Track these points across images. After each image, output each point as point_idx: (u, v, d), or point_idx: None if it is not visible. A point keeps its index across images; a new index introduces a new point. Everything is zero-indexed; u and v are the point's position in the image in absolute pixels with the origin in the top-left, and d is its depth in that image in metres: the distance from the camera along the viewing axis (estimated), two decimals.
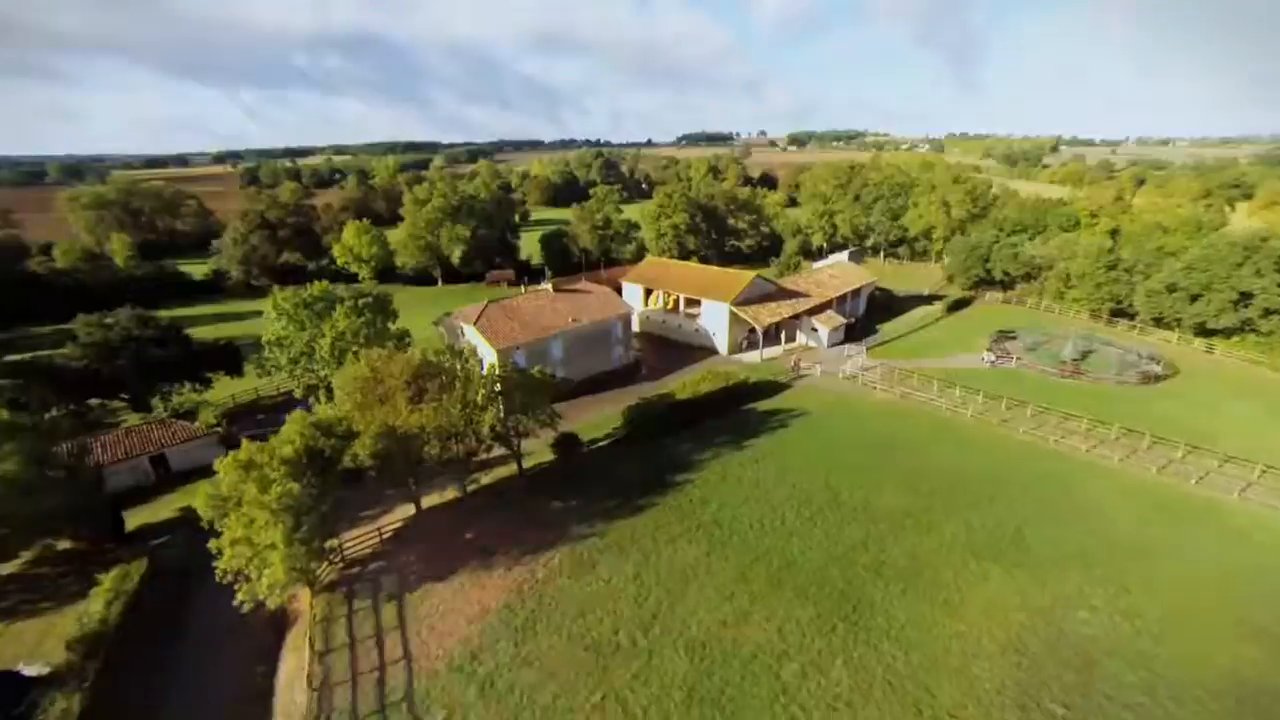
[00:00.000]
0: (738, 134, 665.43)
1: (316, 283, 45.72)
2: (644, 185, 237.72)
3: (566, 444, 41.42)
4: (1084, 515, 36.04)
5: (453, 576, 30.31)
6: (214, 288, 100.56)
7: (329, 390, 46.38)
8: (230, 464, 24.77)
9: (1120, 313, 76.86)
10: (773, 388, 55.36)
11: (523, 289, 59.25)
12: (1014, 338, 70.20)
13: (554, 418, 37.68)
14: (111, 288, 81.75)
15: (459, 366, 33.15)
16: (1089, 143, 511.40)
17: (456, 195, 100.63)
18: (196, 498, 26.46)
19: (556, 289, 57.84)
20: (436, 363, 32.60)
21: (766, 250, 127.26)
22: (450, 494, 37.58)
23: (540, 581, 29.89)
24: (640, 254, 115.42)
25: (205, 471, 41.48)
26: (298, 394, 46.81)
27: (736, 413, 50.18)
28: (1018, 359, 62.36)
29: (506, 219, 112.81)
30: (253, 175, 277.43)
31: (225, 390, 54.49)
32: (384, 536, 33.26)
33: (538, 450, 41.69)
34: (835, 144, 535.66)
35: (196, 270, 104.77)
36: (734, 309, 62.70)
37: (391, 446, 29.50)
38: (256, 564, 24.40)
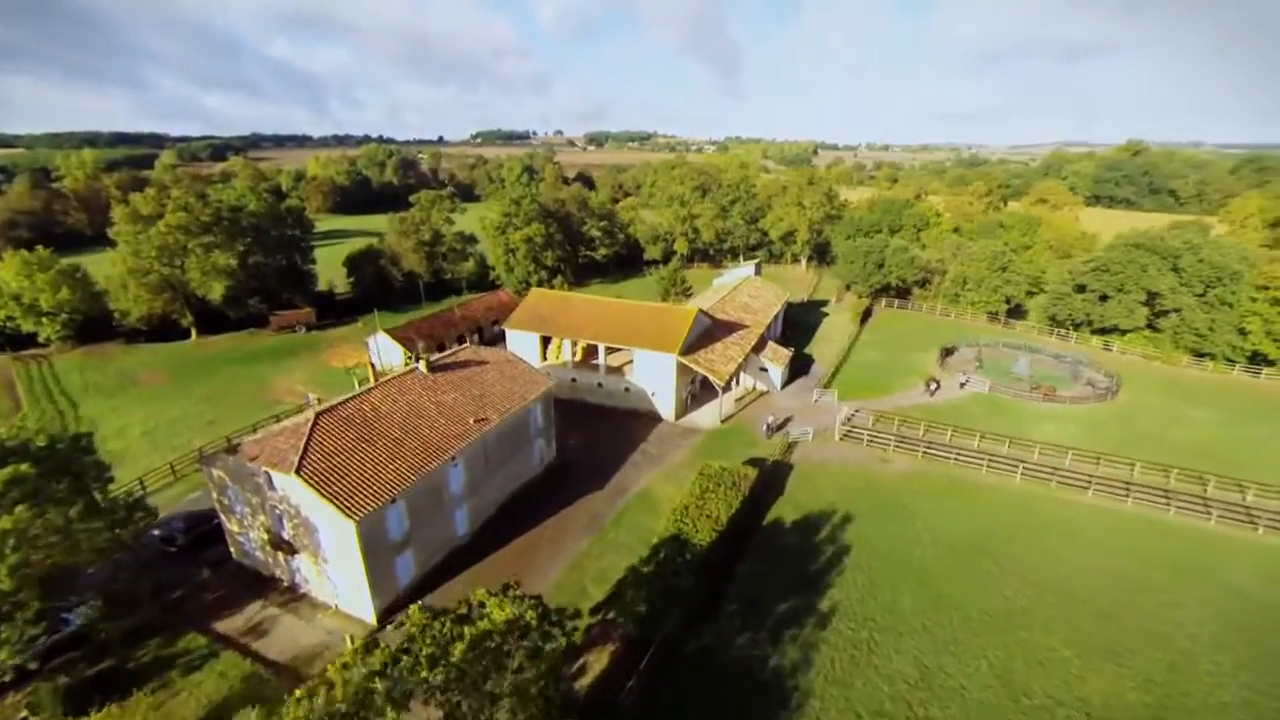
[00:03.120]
0: (534, 133, 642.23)
1: None
2: (451, 187, 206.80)
3: None
4: None
5: None
6: None
7: None
8: None
9: (1013, 313, 76.58)
10: (773, 473, 39.68)
11: (372, 365, 34.99)
12: (952, 352, 64.30)
13: None
14: None
15: None
16: (834, 147, 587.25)
17: (209, 207, 67.37)
18: None
19: (432, 366, 34.87)
20: None
21: (624, 260, 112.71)
22: None
23: None
24: (484, 274, 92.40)
25: None
26: None
27: (762, 535, 33.41)
28: (986, 382, 55.06)
29: (292, 237, 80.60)
30: None
31: None
32: None
33: None
34: (631, 145, 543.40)
35: None
36: (683, 360, 45.67)
37: None
38: None
